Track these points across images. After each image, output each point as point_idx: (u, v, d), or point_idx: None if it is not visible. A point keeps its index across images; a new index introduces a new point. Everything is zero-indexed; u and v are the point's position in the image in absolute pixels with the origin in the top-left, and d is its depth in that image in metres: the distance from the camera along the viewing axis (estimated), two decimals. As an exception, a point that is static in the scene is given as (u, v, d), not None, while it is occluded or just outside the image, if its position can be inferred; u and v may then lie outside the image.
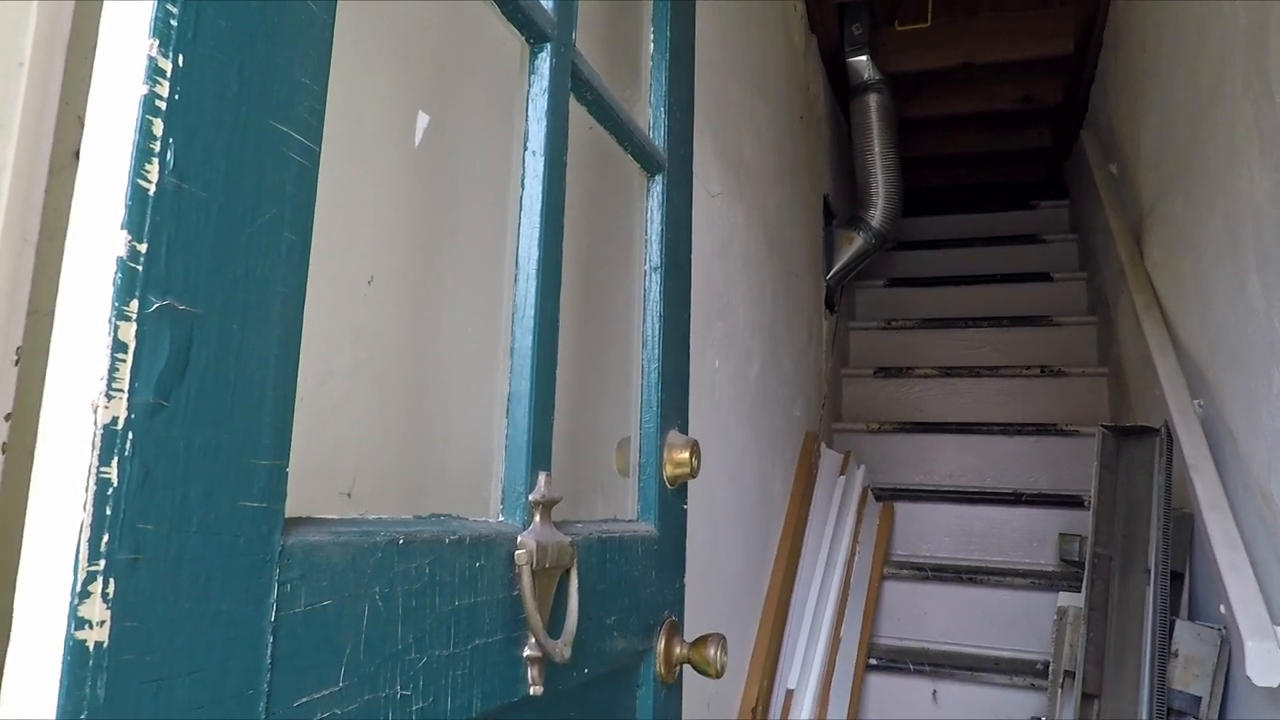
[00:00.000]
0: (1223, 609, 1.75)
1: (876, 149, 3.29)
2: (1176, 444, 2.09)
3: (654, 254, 1.03)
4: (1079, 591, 2.21)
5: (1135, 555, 2.08)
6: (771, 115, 2.45)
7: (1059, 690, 2.11)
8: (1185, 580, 2.11)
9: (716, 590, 1.80)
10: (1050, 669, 2.17)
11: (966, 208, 4.55)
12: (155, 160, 0.40)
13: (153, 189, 0.40)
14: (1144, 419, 2.49)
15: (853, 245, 3.32)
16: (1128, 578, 2.07)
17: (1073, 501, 2.89)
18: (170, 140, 0.41)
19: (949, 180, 4.77)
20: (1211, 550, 1.80)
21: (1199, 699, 1.85)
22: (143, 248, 0.39)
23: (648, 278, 1.03)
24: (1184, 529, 2.11)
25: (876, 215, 3.30)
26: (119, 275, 0.39)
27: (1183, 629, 1.94)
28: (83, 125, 0.40)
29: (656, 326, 1.02)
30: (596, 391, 1.06)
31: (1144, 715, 1.87)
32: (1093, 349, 3.53)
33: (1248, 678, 1.57)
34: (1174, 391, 2.19)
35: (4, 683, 0.36)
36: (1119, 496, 2.18)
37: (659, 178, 1.04)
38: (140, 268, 0.39)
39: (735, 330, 2.01)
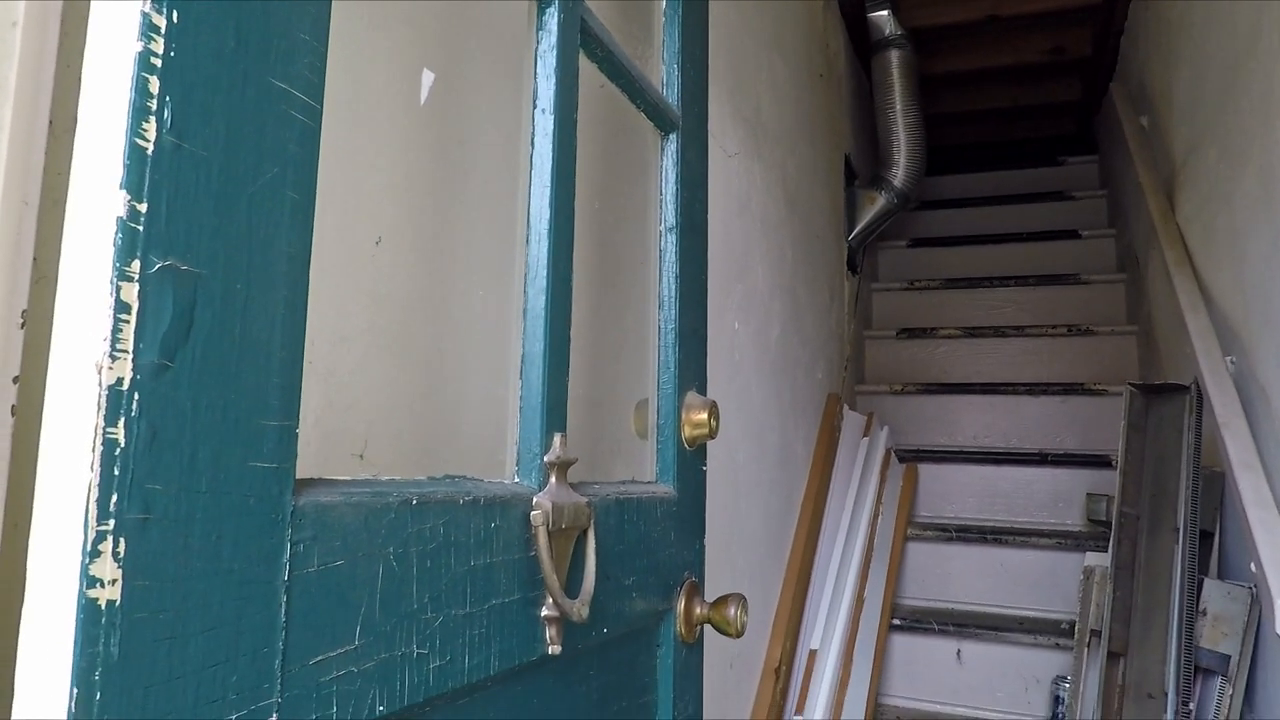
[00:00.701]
0: (1253, 567, 1.73)
1: (898, 106, 3.23)
2: (1207, 402, 2.05)
3: (669, 214, 1.02)
4: (1106, 551, 2.19)
5: (1164, 514, 2.06)
6: (790, 73, 2.40)
7: (1085, 649, 2.10)
8: (1215, 539, 2.08)
9: (738, 552, 1.81)
10: (1076, 628, 2.16)
11: (992, 165, 4.46)
12: (153, 119, 0.40)
13: (151, 148, 0.40)
14: (1174, 377, 2.45)
15: (875, 205, 3.27)
16: (1156, 537, 2.05)
17: (1100, 461, 2.86)
18: (167, 98, 0.40)
19: (973, 137, 4.67)
20: (1243, 508, 1.77)
21: (1228, 657, 1.84)
22: (142, 207, 0.39)
23: (663, 238, 1.02)
24: (1214, 488, 2.08)
25: (899, 174, 3.25)
26: (119, 235, 0.38)
27: (1212, 587, 1.92)
28: (80, 85, 0.40)
29: (673, 287, 1.01)
30: (614, 353, 1.06)
31: (1171, 673, 1.86)
32: (1122, 307, 3.47)
33: (1278, 636, 1.55)
34: (1205, 348, 2.15)
35: (20, 640, 0.36)
36: (1147, 455, 2.15)
37: (673, 136, 1.03)
38: (141, 228, 0.39)
39: (755, 292, 1.99)
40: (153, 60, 0.40)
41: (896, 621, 2.58)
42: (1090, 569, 2.18)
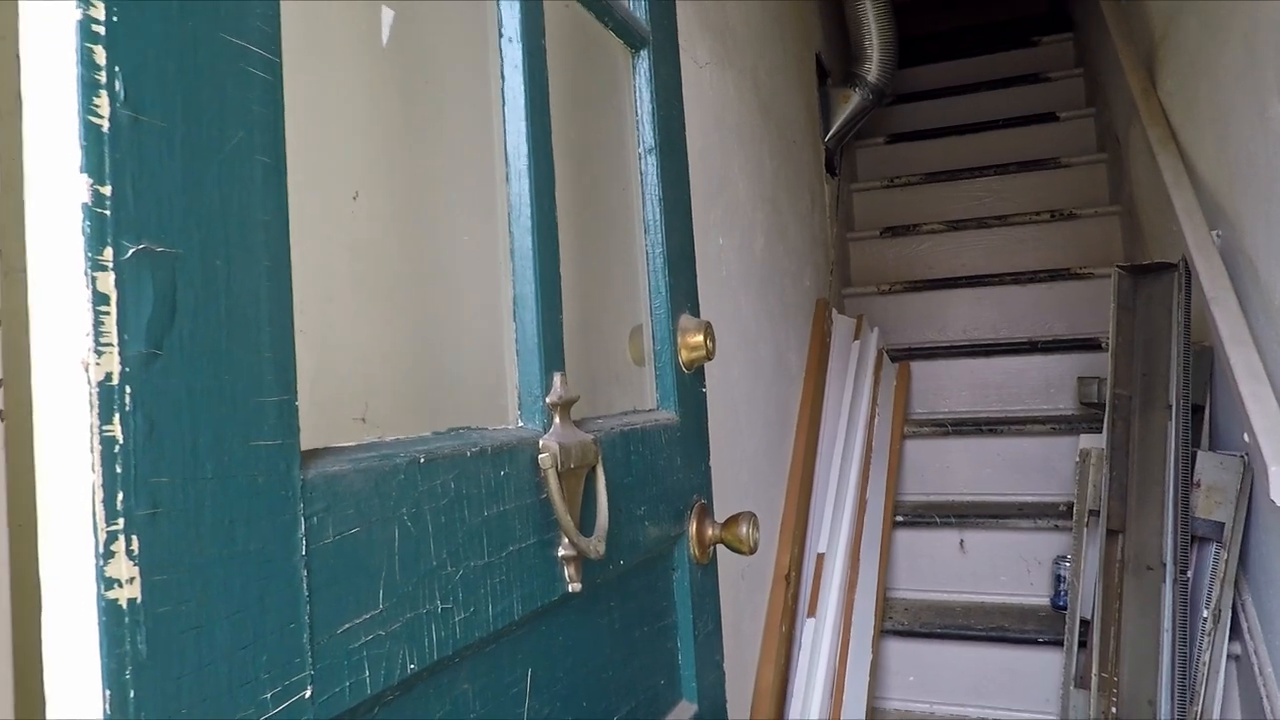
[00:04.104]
0: (1245, 437, 1.76)
1: (869, -3, 3.13)
2: (1195, 278, 2.05)
3: (647, 135, 0.99)
4: (1100, 433, 2.22)
5: (1156, 392, 2.09)
6: (756, -28, 2.32)
7: (1084, 529, 2.15)
8: (1206, 413, 2.12)
9: (741, 467, 1.83)
10: (1074, 510, 2.21)
11: (966, 51, 4.35)
12: (104, 92, 0.37)
13: (106, 124, 0.37)
14: (1159, 256, 2.45)
15: (849, 103, 3.21)
16: (1149, 415, 2.08)
17: (1089, 345, 2.88)
18: (117, 69, 0.38)
19: (946, 24, 4.55)
20: (1234, 381, 1.79)
21: (1222, 525, 1.89)
22: (107, 190, 0.37)
23: (643, 160, 0.99)
24: (1204, 362, 2.11)
25: (872, 69, 3.17)
26: (87, 223, 0.36)
27: (1204, 459, 1.96)
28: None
29: (657, 210, 0.98)
30: (603, 282, 1.04)
31: (1169, 545, 1.91)
32: (1104, 188, 3.44)
33: (1271, 501, 1.59)
34: (1192, 224, 2.14)
35: (44, 649, 0.36)
36: (1137, 336, 2.17)
37: (644, 53, 0.99)
38: (108, 213, 0.37)
39: (736, 205, 1.96)
40: (94, 28, 0.37)
41: (899, 518, 2.63)
42: (1086, 451, 2.22)
